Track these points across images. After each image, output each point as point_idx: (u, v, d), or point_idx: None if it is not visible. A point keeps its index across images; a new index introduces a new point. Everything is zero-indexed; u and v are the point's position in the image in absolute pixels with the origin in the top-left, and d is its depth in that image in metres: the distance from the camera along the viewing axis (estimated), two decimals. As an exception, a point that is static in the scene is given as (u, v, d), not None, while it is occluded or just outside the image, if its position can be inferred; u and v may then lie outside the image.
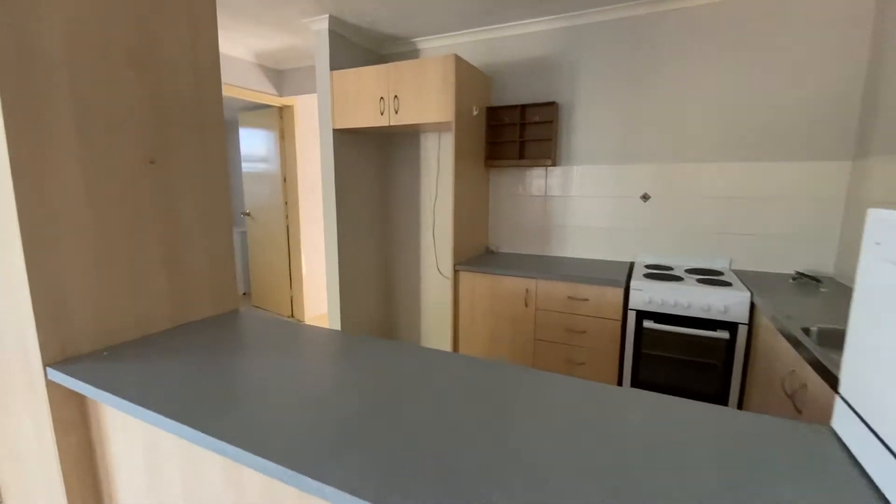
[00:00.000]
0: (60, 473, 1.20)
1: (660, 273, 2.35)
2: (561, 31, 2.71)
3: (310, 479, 0.72)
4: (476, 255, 2.94)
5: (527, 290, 2.47)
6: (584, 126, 2.73)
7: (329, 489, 0.71)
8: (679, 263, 2.59)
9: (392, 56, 3.23)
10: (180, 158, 1.42)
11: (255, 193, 4.38)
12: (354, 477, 0.72)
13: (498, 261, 2.76)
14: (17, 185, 1.07)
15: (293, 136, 4.00)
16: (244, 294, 5.02)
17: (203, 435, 0.86)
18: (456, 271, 2.66)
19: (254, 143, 4.31)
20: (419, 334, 3.50)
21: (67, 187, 1.16)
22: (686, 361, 2.14)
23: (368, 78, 2.69)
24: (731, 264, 2.48)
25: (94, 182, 1.21)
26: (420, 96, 2.56)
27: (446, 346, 3.38)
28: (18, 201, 1.07)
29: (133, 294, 1.32)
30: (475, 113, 2.73)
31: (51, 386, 1.15)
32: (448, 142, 3.13)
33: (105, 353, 1.22)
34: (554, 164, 2.80)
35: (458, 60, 2.46)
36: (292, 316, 4.32)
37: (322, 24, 2.74)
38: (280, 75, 3.89)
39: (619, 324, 2.27)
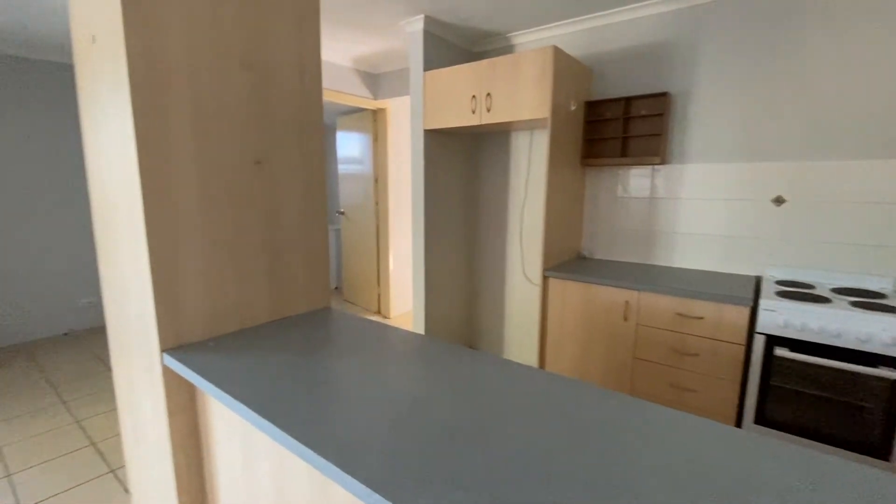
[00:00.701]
0: (170, 451, 1.30)
1: (798, 292, 1.97)
2: (676, 14, 2.41)
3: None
4: (567, 260, 2.74)
5: (627, 303, 2.23)
6: (702, 118, 2.40)
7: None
8: (821, 281, 2.15)
9: (485, 53, 3.15)
10: (283, 160, 1.48)
11: (349, 193, 4.60)
12: (441, 514, 0.64)
13: (593, 268, 2.53)
14: (145, 184, 1.16)
15: (385, 139, 4.11)
16: (336, 288, 5.31)
17: (292, 440, 0.84)
18: (545, 277, 2.49)
19: (349, 146, 4.53)
20: (502, 341, 3.38)
21: (184, 186, 1.24)
22: (831, 401, 1.75)
23: (460, 76, 2.64)
24: (895, 286, 2.00)
25: (206, 181, 1.29)
26: (514, 93, 2.44)
27: (532, 357, 3.22)
28: (145, 200, 1.17)
29: (237, 289, 1.39)
30: (573, 108, 2.54)
31: (165, 370, 1.25)
32: (541, 140, 2.97)
33: (211, 344, 1.29)
34: (662, 162, 2.51)
35: (557, 52, 2.29)
36: (379, 312, 4.45)
37: (417, 25, 2.75)
38: (375, 79, 4.02)
39: (741, 349, 1.94)
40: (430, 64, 2.83)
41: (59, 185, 3.71)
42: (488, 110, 2.55)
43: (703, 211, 2.45)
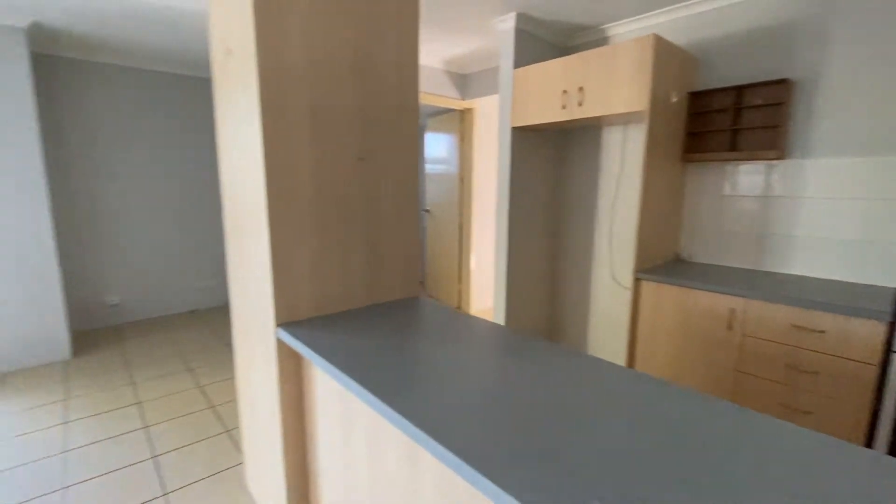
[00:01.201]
0: (280, 416, 1.46)
1: (957, 308, 1.65)
2: (803, -11, 2.15)
3: (489, 482, 0.68)
4: (663, 263, 2.57)
5: (732, 311, 2.03)
6: (832, 107, 2.11)
7: (507, 497, 0.65)
8: None
9: (578, 47, 3.06)
10: (382, 157, 1.58)
11: (435, 192, 4.74)
12: (536, 489, 0.65)
13: (693, 272, 2.35)
14: (269, 181, 1.32)
15: (471, 138, 4.17)
16: (420, 283, 5.51)
17: (387, 408, 0.91)
18: (637, 280, 2.37)
19: (437, 147, 4.67)
20: (585, 343, 3.26)
21: (300, 182, 1.39)
22: None
23: (552, 72, 2.60)
24: None
25: (318, 177, 1.43)
26: (608, 86, 2.35)
27: (618, 361, 3.07)
28: (269, 195, 1.32)
29: (339, 275, 1.52)
30: (674, 100, 2.38)
31: (279, 343, 1.40)
32: (636, 134, 2.81)
33: (316, 322, 1.43)
34: (780, 157, 2.25)
35: (658, 41, 2.16)
36: (459, 307, 4.54)
37: (509, 23, 2.76)
38: (464, 79, 4.10)
39: (874, 369, 1.68)
40: (520, 61, 2.82)
41: (187, 185, 4.31)
42: (580, 105, 2.49)
43: (830, 212, 2.15)
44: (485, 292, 4.49)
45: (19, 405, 2.60)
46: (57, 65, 3.52)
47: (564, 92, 2.54)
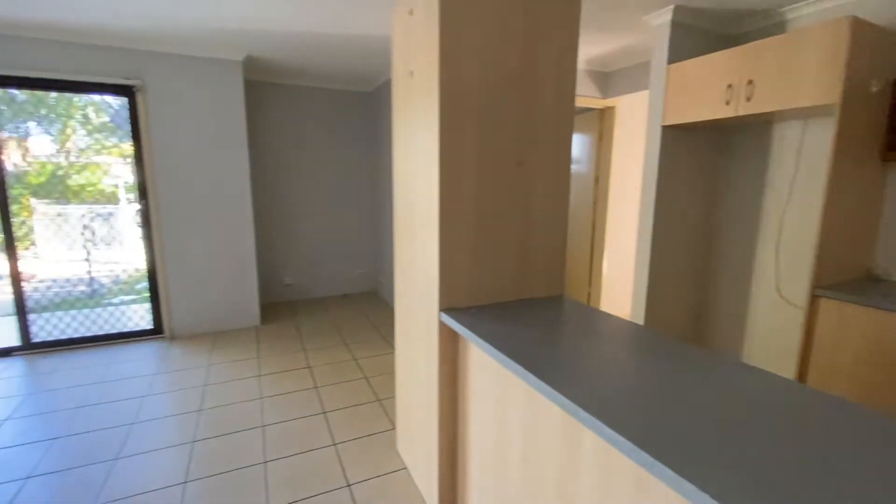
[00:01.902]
0: (437, 390, 1.66)
1: None
2: None
3: (654, 460, 0.73)
4: (850, 279, 2.20)
5: (952, 342, 1.67)
6: None
7: (684, 484, 0.70)
8: None
9: (746, 36, 2.76)
10: (538, 162, 1.68)
11: (566, 193, 4.68)
12: (723, 484, 0.69)
13: (893, 292, 1.97)
14: (443, 183, 1.52)
15: (611, 138, 4.03)
16: (544, 285, 5.50)
17: (547, 386, 1.00)
18: (814, 297, 2.07)
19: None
20: (738, 364, 2.93)
21: (466, 184, 1.56)
22: None
23: (714, 65, 2.40)
24: None
25: (481, 180, 1.59)
26: (786, 77, 2.10)
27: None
28: (442, 196, 1.52)
29: (493, 269, 1.66)
30: (874, 89, 2.02)
31: (441, 325, 1.60)
32: (818, 130, 2.44)
33: (473, 310, 1.59)
34: None
35: (856, 23, 1.87)
36: (587, 313, 4.43)
37: (664, 17, 2.62)
38: (606, 77, 3.98)
39: None
40: (675, 56, 2.66)
41: (346, 185, 4.97)
42: (748, 100, 2.26)
43: None
44: (617, 297, 4.30)
45: (227, 357, 3.33)
46: (253, 87, 4.38)
47: (729, 86, 2.34)
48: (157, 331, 3.72)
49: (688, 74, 2.55)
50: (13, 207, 3.29)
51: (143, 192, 3.53)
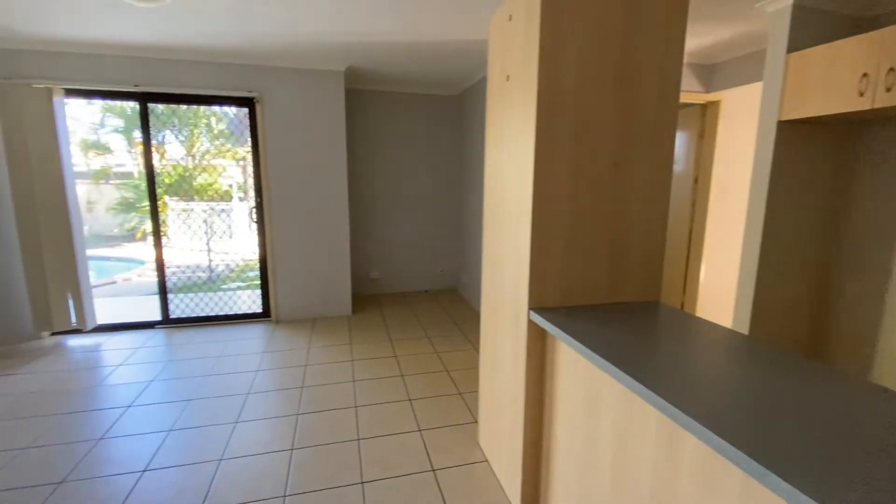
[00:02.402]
0: (524, 387, 1.69)
1: None
2: None
3: (766, 470, 0.71)
4: None
5: None
6: None
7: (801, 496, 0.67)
8: None
9: (883, 18, 2.41)
10: (637, 161, 1.64)
11: (659, 194, 4.42)
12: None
13: None
14: (536, 184, 1.55)
15: (713, 135, 3.74)
16: (630, 291, 5.24)
17: (645, 388, 1.00)
18: (973, 318, 1.76)
19: (665, 145, 4.33)
20: (865, 391, 2.57)
21: (560, 185, 1.58)
22: None
23: (846, 52, 2.14)
24: None
25: (576, 179, 1.59)
26: (943, 62, 1.81)
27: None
28: (535, 196, 1.55)
29: (585, 271, 1.66)
30: None
31: (529, 324, 1.64)
32: None
33: (563, 311, 1.60)
34: None
35: None
36: (678, 323, 4.14)
37: (783, 2, 2.38)
38: (709, 70, 3.70)
39: None
40: (795, 44, 2.41)
41: (429, 186, 5.15)
42: (888, 90, 1.98)
43: None
44: (715, 307, 3.97)
45: (324, 342, 3.65)
46: (349, 95, 4.71)
47: (864, 75, 2.06)
48: (265, 314, 4.19)
49: (811, 64, 2.29)
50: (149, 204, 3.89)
51: (258, 190, 3.99)
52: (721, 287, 3.97)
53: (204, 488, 1.94)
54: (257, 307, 4.26)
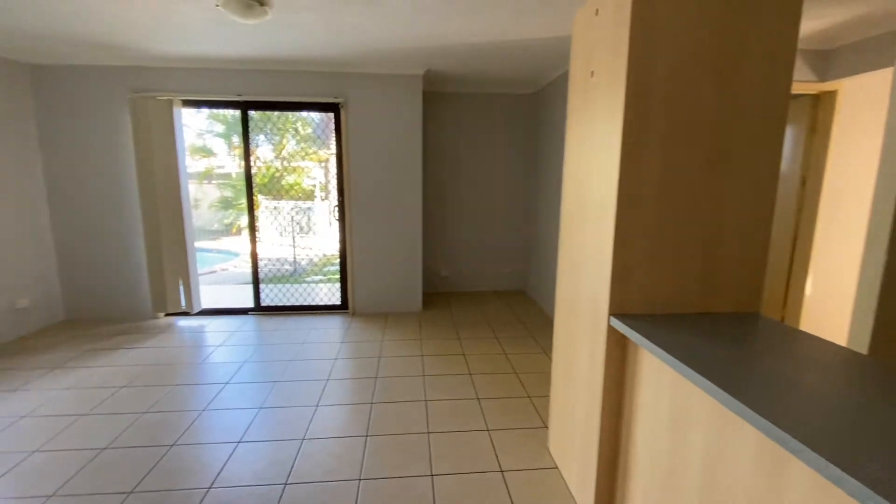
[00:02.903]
0: (600, 396, 1.63)
1: None
2: None
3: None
4: None
5: None
6: None
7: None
8: None
9: None
10: (736, 160, 1.51)
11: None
12: None
13: None
14: (621, 185, 1.48)
15: (827, 130, 3.31)
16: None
17: (744, 406, 0.91)
18: None
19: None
20: None
21: (647, 183, 1.50)
22: None
23: None
24: None
25: (664, 179, 1.50)
26: None
27: None
28: (619, 196, 1.49)
29: (673, 277, 1.56)
30: None
31: (609, 330, 1.57)
32: None
33: (647, 319, 1.52)
34: None
35: None
36: (776, 339, 3.73)
37: (926, -26, 2.05)
38: (826, 56, 3.28)
39: None
40: (941, 22, 2.06)
41: (501, 187, 5.12)
42: None
43: None
44: (822, 323, 3.52)
45: (396, 336, 3.79)
46: (425, 97, 4.82)
47: None
48: (343, 307, 4.44)
49: (964, 43, 1.95)
50: (244, 202, 4.27)
51: (340, 190, 4.24)
52: (830, 301, 3.51)
53: (289, 464, 2.10)
54: (336, 300, 4.52)
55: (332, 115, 4.15)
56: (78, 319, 4.14)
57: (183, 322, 4.15)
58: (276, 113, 4.35)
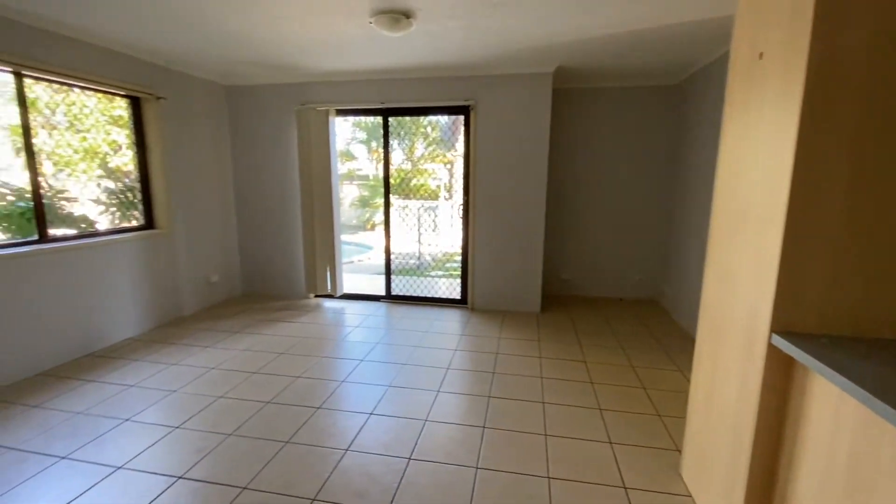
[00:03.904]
0: (753, 427, 1.42)
1: None
2: None
3: None
4: None
5: None
6: None
7: None
8: None
9: None
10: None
11: None
12: None
13: None
14: (796, 177, 1.27)
15: None
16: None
17: None
18: None
19: None
20: None
21: (829, 182, 1.26)
22: None
23: None
24: None
25: (855, 178, 1.25)
26: None
27: None
28: (792, 190, 1.28)
29: (865, 293, 1.29)
30: None
31: (770, 351, 1.36)
32: None
33: (824, 339, 1.28)
34: None
35: None
36: None
37: None
38: None
39: None
40: None
41: (636, 186, 4.75)
42: None
43: None
44: None
45: (513, 335, 3.80)
46: (553, 94, 4.70)
47: None
48: (463, 301, 4.60)
49: None
50: (379, 201, 4.68)
51: (465, 190, 4.39)
52: None
53: (412, 441, 2.27)
54: (456, 294, 4.71)
55: (461, 117, 4.32)
56: (251, 294, 5.03)
57: (328, 303, 4.74)
58: (409, 119, 4.67)
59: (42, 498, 1.87)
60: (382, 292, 4.83)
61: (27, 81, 2.96)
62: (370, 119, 11.46)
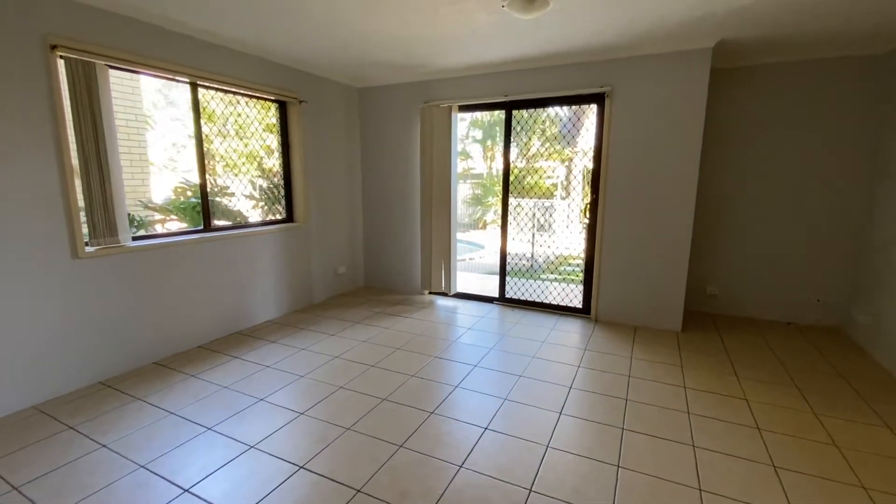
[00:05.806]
0: None
1: None
2: None
3: None
4: None
5: None
6: None
7: None
8: None
9: None
10: None
11: None
12: None
13: None
14: None
15: None
16: None
17: None
18: None
19: None
20: None
21: None
22: None
23: None
24: None
25: None
26: None
27: None
28: None
29: None
30: None
31: None
32: None
33: None
34: None
35: None
36: None
37: None
38: None
39: None
40: None
41: (816, 185, 3.79)
42: None
43: None
44: None
45: (648, 356, 3.28)
46: (711, 75, 3.95)
47: None
48: (584, 310, 4.18)
49: None
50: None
51: (594, 187, 3.96)
52: None
53: (532, 469, 2.02)
54: (575, 301, 4.30)
55: (586, 109, 3.89)
56: (372, 287, 5.24)
57: (441, 301, 4.71)
58: (527, 115, 4.35)
59: (192, 465, 2.05)
60: (494, 293, 4.64)
61: (200, 91, 3.39)
62: (486, 117, 11.39)
